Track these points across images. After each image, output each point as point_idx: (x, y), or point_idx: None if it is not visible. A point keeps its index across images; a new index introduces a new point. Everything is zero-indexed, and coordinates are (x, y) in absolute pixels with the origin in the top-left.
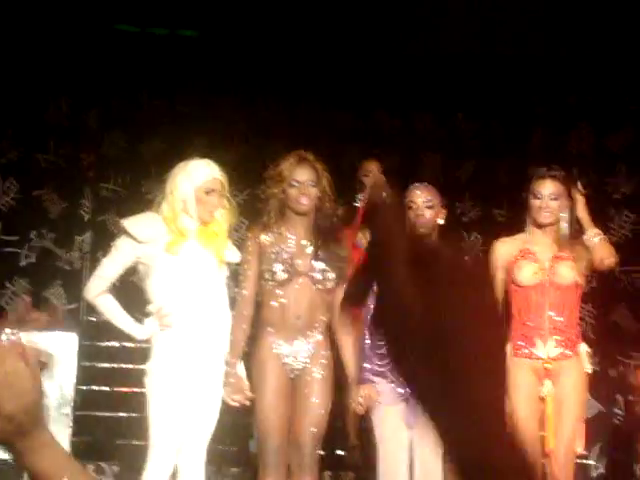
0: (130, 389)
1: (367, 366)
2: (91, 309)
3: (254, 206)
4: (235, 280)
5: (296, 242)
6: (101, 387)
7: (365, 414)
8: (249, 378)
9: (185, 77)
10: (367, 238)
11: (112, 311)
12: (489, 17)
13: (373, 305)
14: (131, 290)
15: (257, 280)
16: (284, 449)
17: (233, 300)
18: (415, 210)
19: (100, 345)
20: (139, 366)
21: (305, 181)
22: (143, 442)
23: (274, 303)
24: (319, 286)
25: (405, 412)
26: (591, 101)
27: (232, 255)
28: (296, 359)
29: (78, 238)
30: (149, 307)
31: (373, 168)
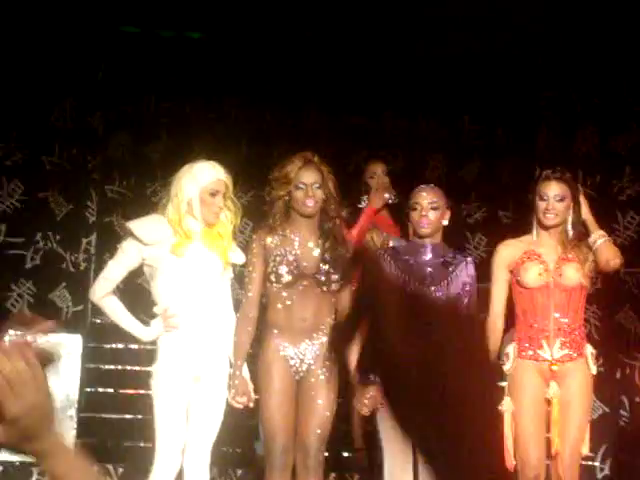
0: (135, 391)
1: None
2: (96, 311)
3: (259, 208)
4: (240, 282)
5: (301, 244)
6: (106, 389)
7: (370, 415)
8: (254, 380)
9: (191, 79)
10: (373, 240)
11: (118, 313)
12: (495, 19)
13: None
14: (137, 292)
15: (262, 282)
16: (290, 451)
17: (238, 302)
18: (420, 211)
19: (105, 347)
20: (144, 368)
21: (311, 183)
22: (149, 444)
23: (279, 305)
24: (324, 288)
25: None
26: (596, 102)
27: (237, 257)
28: (302, 361)
29: (83, 240)
30: (155, 309)
31: (378, 170)
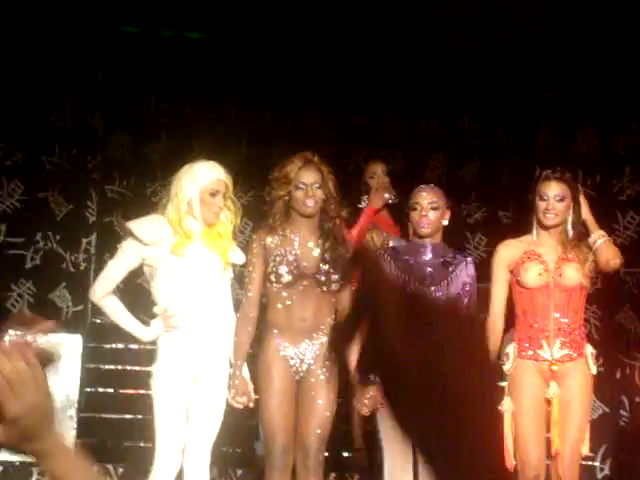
0: (135, 391)
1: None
2: (96, 311)
3: (259, 208)
4: (240, 282)
5: (301, 244)
6: (106, 389)
7: (370, 415)
8: (254, 380)
9: (191, 79)
10: (373, 240)
11: (118, 313)
12: (494, 19)
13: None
14: (137, 292)
15: (262, 282)
16: (290, 451)
17: (238, 302)
18: (420, 211)
19: (105, 347)
20: (144, 368)
21: (311, 184)
22: (149, 444)
23: (279, 305)
24: (324, 288)
25: None
26: (596, 102)
27: (237, 257)
28: (302, 361)
29: (83, 240)
30: (154, 309)
31: (378, 170)
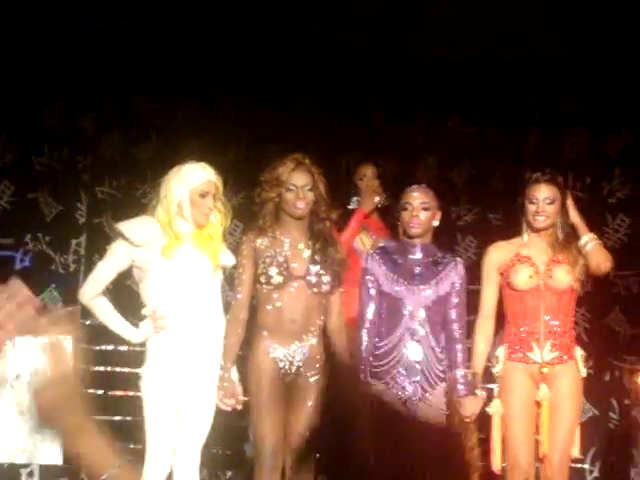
0: (125, 392)
1: (364, 367)
2: (86, 312)
3: (249, 209)
4: (230, 284)
5: (291, 245)
6: (95, 390)
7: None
8: (244, 382)
9: (181, 80)
10: (363, 242)
11: (107, 314)
12: (485, 21)
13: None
14: (127, 294)
15: (252, 284)
16: (279, 452)
17: (228, 304)
18: (411, 211)
19: (94, 348)
20: (134, 370)
21: (302, 185)
22: (138, 445)
23: (269, 307)
24: (314, 289)
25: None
26: (586, 105)
27: (227, 259)
28: (291, 363)
29: (73, 241)
30: (143, 311)
31: (368, 172)
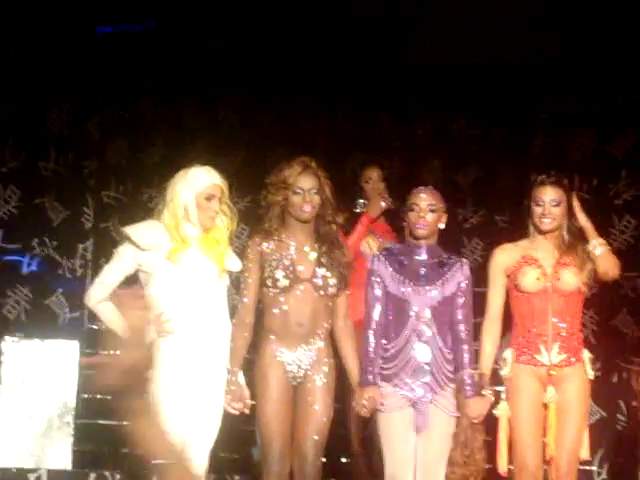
0: None
1: (370, 369)
2: (93, 317)
3: (256, 213)
4: (236, 288)
5: (297, 248)
6: (103, 395)
7: (370, 421)
8: (251, 386)
9: (187, 85)
10: (370, 245)
11: (112, 318)
12: (491, 23)
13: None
14: None
15: (258, 288)
16: (287, 457)
17: (235, 308)
18: (418, 212)
19: (102, 353)
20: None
21: (309, 189)
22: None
23: (276, 310)
24: (321, 292)
25: (414, 416)
26: (593, 107)
27: (233, 264)
28: (299, 366)
29: (80, 246)
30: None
31: (374, 175)
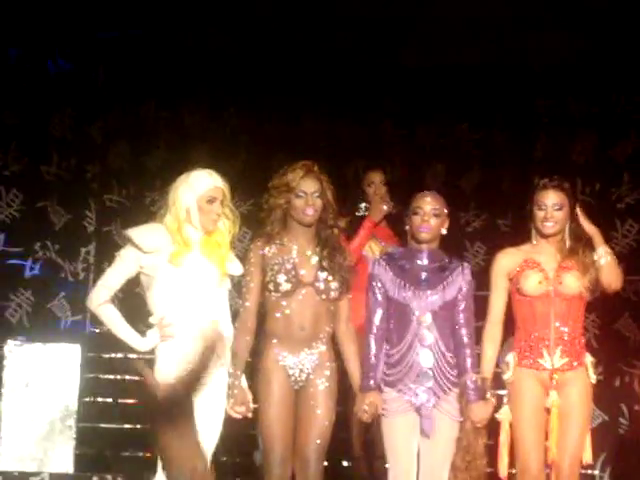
0: (134, 401)
1: (371, 374)
2: (95, 320)
3: (258, 216)
4: (238, 292)
5: (299, 252)
6: (105, 399)
7: (372, 425)
8: (253, 390)
9: (189, 88)
10: (372, 250)
11: (114, 321)
12: (493, 27)
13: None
14: (136, 302)
15: (260, 292)
16: (289, 460)
17: (237, 312)
18: (422, 216)
19: (104, 357)
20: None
21: (311, 192)
22: (147, 454)
23: (278, 314)
24: (323, 296)
25: (420, 421)
26: (595, 110)
27: (234, 267)
28: (301, 370)
29: (82, 250)
30: (150, 319)
31: (376, 179)
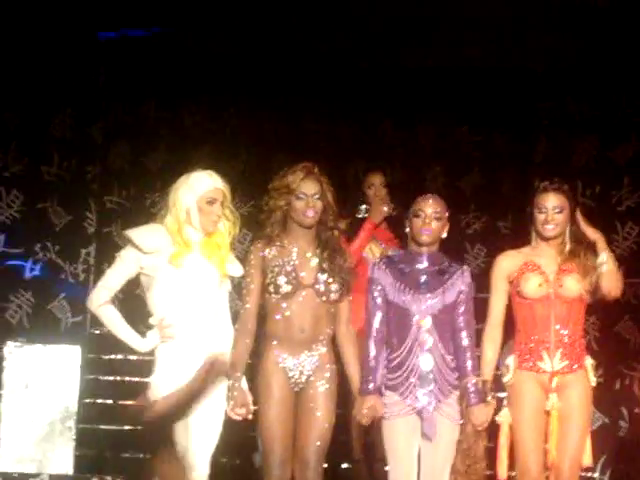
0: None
1: (370, 377)
2: (96, 322)
3: (258, 218)
4: (239, 293)
5: (299, 254)
6: (105, 400)
7: (372, 427)
8: (253, 391)
9: (190, 89)
10: (372, 252)
11: (114, 322)
12: (493, 29)
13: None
14: (136, 303)
15: (260, 293)
16: (288, 462)
17: (237, 314)
18: (423, 219)
19: (104, 358)
20: (143, 379)
21: (312, 194)
22: (148, 455)
23: (278, 316)
24: (323, 298)
25: (421, 424)
26: (595, 113)
27: (234, 269)
28: (301, 372)
29: (83, 251)
30: (150, 320)
31: (376, 181)
